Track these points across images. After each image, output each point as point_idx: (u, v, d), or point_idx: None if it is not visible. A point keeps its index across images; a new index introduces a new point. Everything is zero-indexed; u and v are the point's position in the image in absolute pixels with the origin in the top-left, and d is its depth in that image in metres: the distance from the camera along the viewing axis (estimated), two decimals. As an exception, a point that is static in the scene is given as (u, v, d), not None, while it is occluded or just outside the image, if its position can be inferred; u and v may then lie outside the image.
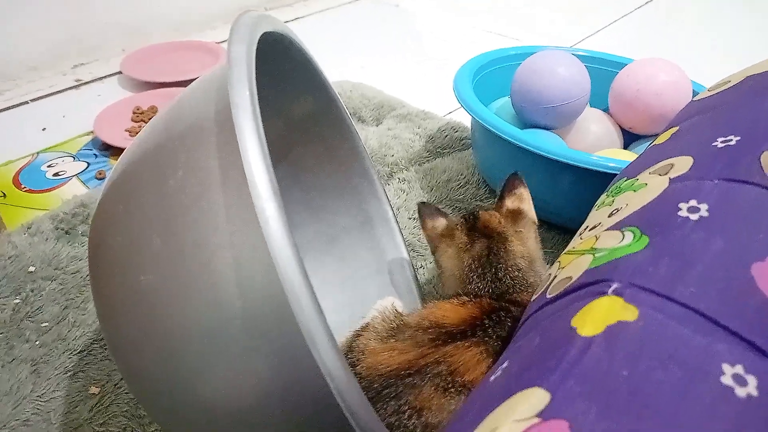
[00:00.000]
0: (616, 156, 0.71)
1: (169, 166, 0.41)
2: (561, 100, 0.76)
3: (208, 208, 0.37)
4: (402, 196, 0.86)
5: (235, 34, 0.42)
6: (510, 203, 0.61)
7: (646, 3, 1.69)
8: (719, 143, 0.46)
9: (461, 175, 0.88)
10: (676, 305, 0.34)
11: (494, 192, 0.85)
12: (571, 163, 0.67)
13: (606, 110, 0.87)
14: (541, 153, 0.68)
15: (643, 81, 0.79)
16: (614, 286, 0.36)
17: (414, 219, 0.80)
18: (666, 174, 0.47)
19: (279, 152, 0.70)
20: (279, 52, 0.57)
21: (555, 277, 0.44)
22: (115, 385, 0.59)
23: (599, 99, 0.88)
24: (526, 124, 0.83)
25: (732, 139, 0.46)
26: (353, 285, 0.71)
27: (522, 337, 0.41)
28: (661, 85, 0.77)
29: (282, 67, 0.61)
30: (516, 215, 0.60)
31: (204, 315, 0.37)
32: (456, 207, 0.84)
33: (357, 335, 0.53)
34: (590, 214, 0.52)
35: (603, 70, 0.89)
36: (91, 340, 0.64)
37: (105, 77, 1.35)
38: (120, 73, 1.34)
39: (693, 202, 0.41)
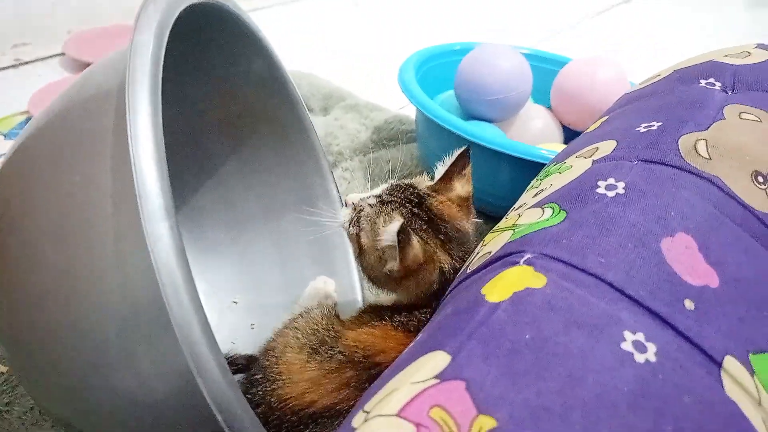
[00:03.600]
0: (556, 149, 0.72)
1: (65, 158, 0.38)
2: (503, 92, 0.77)
3: (100, 213, 0.35)
4: (344, 184, 0.85)
5: (144, 12, 0.39)
6: (460, 187, 0.52)
7: (604, 11, 1.73)
8: (642, 128, 0.47)
9: (405, 166, 0.88)
10: (585, 274, 0.34)
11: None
12: (512, 154, 0.68)
13: (549, 108, 0.88)
14: (482, 143, 0.69)
15: (583, 78, 0.80)
16: (526, 256, 0.36)
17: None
18: (590, 156, 0.47)
19: (219, 128, 0.68)
20: (218, 23, 0.56)
21: (477, 254, 0.44)
22: (26, 365, 0.56)
23: (542, 97, 0.90)
24: (469, 116, 0.83)
25: (654, 125, 0.47)
26: (294, 264, 0.69)
27: (439, 312, 0.40)
28: (600, 82, 0.78)
29: (222, 37, 0.59)
30: (466, 204, 0.52)
31: (90, 320, 0.35)
32: (398, 197, 0.83)
33: (278, 335, 0.49)
34: (520, 198, 0.52)
35: (545, 69, 0.90)
36: (3, 319, 0.60)
37: (47, 58, 1.30)
38: (63, 54, 1.29)
39: (611, 180, 0.41)
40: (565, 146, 0.82)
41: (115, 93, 0.36)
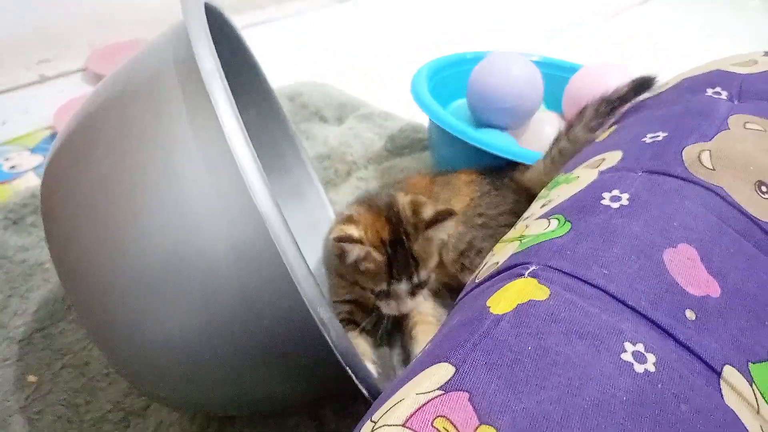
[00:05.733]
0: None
1: (134, 109, 0.42)
2: (514, 100, 0.77)
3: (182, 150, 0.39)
4: (357, 193, 0.86)
5: None
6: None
7: (614, 16, 1.73)
8: (648, 139, 0.48)
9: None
10: (588, 286, 0.35)
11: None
12: (523, 162, 0.69)
13: (561, 114, 0.89)
14: (493, 151, 0.70)
15: (593, 85, 0.80)
16: (531, 268, 0.37)
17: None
18: (597, 167, 0.48)
19: None
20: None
21: (486, 263, 0.45)
22: (54, 374, 0.59)
23: (554, 104, 0.90)
24: (481, 124, 0.84)
25: (660, 135, 0.48)
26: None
27: (448, 321, 0.41)
28: (610, 89, 0.79)
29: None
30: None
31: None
32: (411, 205, 0.84)
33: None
34: (529, 208, 0.53)
35: (557, 76, 0.91)
36: (32, 329, 0.63)
37: (70, 73, 1.34)
38: (85, 69, 1.33)
39: (615, 192, 0.42)
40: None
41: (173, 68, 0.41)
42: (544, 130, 0.84)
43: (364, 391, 0.41)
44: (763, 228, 0.40)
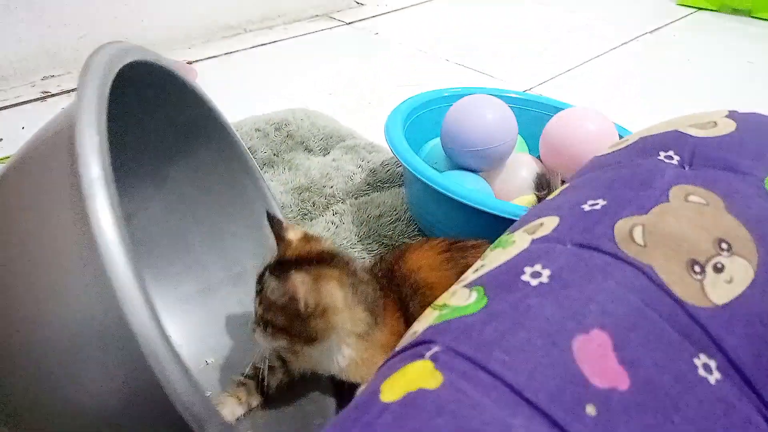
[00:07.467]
0: (531, 203, 0.71)
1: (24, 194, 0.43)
2: (486, 144, 0.77)
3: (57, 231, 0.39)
4: (332, 228, 0.86)
5: (87, 69, 0.43)
6: (294, 236, 0.59)
7: (619, 46, 1.70)
8: (587, 206, 0.47)
9: (394, 211, 0.88)
10: (485, 373, 0.34)
11: (422, 231, 0.85)
12: (482, 209, 0.68)
13: (538, 157, 0.88)
14: (454, 197, 0.69)
15: (570, 129, 0.79)
16: (434, 349, 0.36)
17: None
18: (533, 233, 0.47)
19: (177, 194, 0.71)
20: (157, 80, 0.59)
21: (412, 327, 0.44)
22: None
23: (536, 142, 0.89)
24: (455, 165, 0.83)
25: (599, 203, 0.46)
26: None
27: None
28: (587, 134, 0.78)
29: (163, 98, 0.62)
30: (307, 237, 0.60)
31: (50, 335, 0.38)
32: (383, 243, 0.84)
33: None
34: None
35: (539, 114, 0.90)
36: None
37: (72, 91, 1.37)
38: (87, 87, 1.35)
39: (538, 267, 0.41)
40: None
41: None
42: (519, 172, 0.83)
43: None
44: (689, 312, 0.39)
